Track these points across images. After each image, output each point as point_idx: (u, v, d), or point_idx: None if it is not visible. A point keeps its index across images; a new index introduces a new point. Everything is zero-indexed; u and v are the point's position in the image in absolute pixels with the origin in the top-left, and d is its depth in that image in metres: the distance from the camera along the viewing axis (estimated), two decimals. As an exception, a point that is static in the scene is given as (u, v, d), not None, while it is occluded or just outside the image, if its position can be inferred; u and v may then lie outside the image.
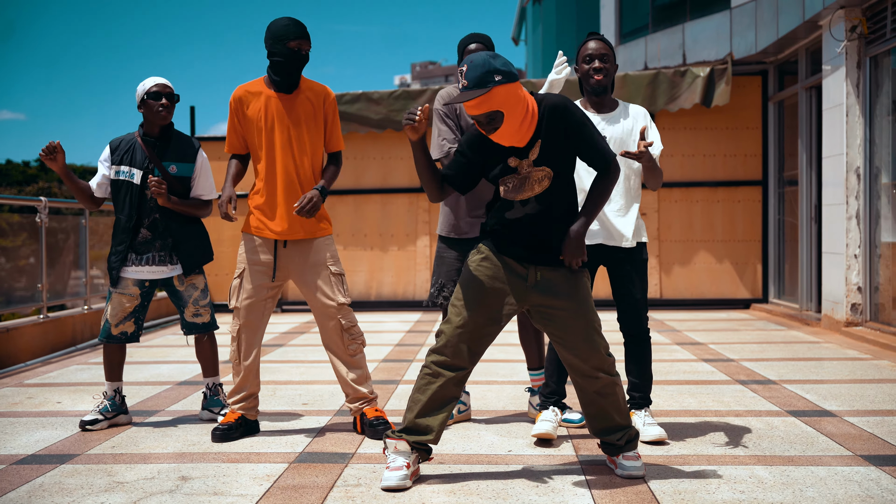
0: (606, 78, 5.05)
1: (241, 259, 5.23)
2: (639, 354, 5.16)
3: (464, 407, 5.62)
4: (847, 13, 9.71)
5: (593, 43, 5.11)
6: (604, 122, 5.10)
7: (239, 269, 5.22)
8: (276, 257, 5.18)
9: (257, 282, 5.18)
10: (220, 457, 4.79)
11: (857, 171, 9.76)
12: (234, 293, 5.22)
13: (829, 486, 4.13)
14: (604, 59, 5.05)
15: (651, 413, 5.24)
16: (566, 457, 4.70)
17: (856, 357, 8.11)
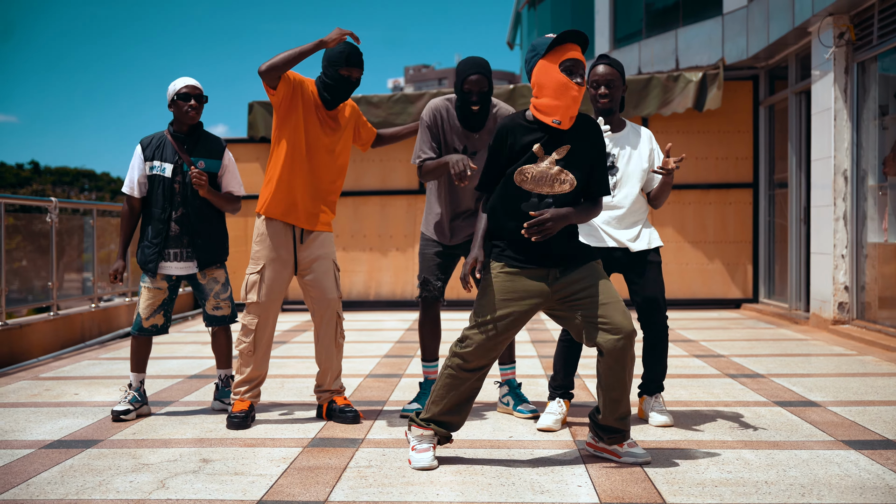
0: (612, 102, 5.36)
1: (258, 255, 5.47)
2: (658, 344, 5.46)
3: None
4: (835, 20, 10.01)
5: (601, 68, 5.38)
6: (611, 142, 5.41)
7: (258, 265, 5.46)
8: (295, 250, 5.48)
9: (277, 276, 5.45)
10: (237, 441, 5.06)
11: (844, 173, 10.06)
12: (254, 288, 5.46)
13: (811, 467, 4.41)
14: (609, 84, 5.33)
15: (661, 398, 5.55)
16: (564, 441, 4.98)
17: (842, 353, 8.40)
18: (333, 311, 5.56)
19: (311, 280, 5.52)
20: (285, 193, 5.42)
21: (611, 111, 5.39)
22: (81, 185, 67.91)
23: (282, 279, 5.47)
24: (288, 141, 5.40)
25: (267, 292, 5.45)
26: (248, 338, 5.50)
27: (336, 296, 5.56)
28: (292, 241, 5.48)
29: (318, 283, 5.52)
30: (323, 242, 5.55)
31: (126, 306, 11.30)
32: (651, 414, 5.44)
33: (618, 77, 5.36)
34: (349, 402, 5.64)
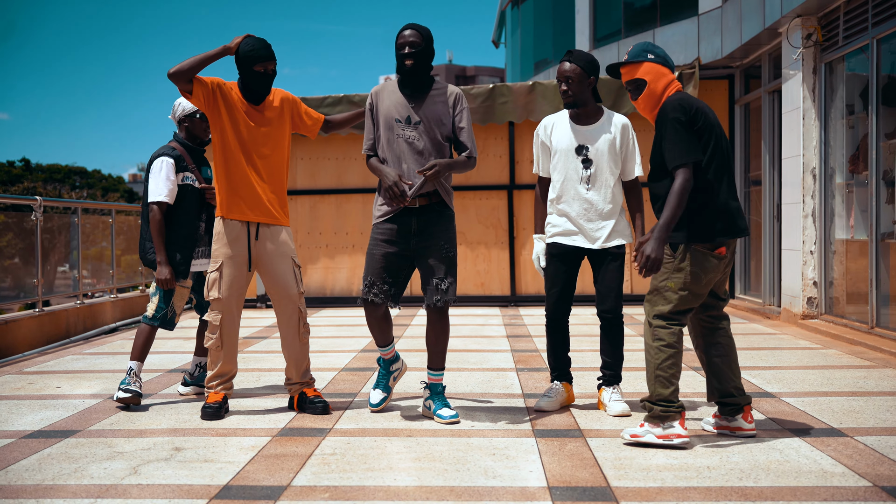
0: (573, 97, 5.64)
1: (216, 253, 5.69)
2: (612, 335, 5.78)
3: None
4: (803, 21, 10.24)
5: (564, 64, 5.68)
6: (587, 133, 5.67)
7: (217, 263, 5.68)
8: (249, 248, 5.68)
9: (235, 272, 5.66)
10: (210, 431, 5.28)
11: (812, 171, 10.30)
12: (214, 285, 5.67)
13: (754, 453, 4.64)
14: (568, 81, 5.62)
15: (620, 390, 5.81)
16: (523, 431, 5.20)
17: (807, 347, 8.64)
18: (295, 307, 5.73)
19: (271, 277, 5.73)
20: (228, 192, 5.65)
21: (574, 104, 5.65)
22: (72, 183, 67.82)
23: (240, 275, 5.68)
24: (220, 142, 5.65)
25: (227, 288, 5.65)
26: (214, 334, 5.71)
27: (296, 291, 5.73)
28: (247, 236, 5.67)
29: (277, 279, 5.71)
30: (279, 238, 5.74)
31: (111, 303, 11.49)
32: (610, 404, 5.68)
33: (579, 72, 5.60)
34: (319, 393, 5.86)
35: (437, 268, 5.47)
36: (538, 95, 13.21)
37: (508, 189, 13.65)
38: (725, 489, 4.05)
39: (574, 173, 5.67)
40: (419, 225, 5.48)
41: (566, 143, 5.70)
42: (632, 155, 5.76)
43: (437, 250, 5.48)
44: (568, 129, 5.72)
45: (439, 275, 5.46)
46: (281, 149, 5.78)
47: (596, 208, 5.64)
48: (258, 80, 5.63)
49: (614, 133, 5.69)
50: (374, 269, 5.52)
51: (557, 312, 5.79)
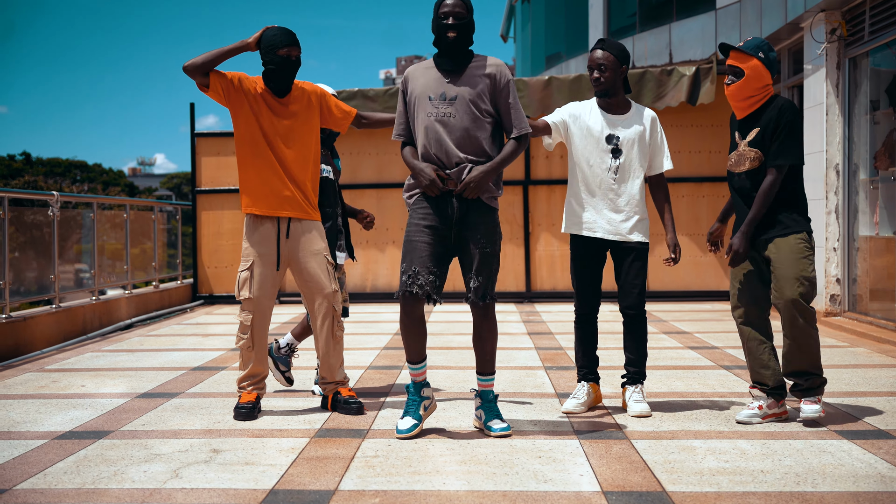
0: (604, 84, 5.52)
1: (247, 251, 5.58)
2: (636, 332, 5.68)
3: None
4: (827, 16, 10.14)
5: (597, 52, 5.57)
6: (618, 123, 5.56)
7: (248, 262, 5.57)
8: (279, 247, 5.56)
9: (265, 271, 5.55)
10: (245, 432, 5.18)
11: (836, 167, 10.20)
12: (245, 284, 5.57)
13: (806, 456, 4.55)
14: (601, 68, 5.50)
15: (643, 391, 5.69)
16: (565, 433, 5.11)
17: (834, 345, 8.54)
18: (329, 305, 5.61)
19: (302, 275, 5.61)
20: (254, 188, 5.53)
21: (606, 93, 5.54)
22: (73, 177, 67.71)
23: (272, 274, 5.57)
24: (245, 136, 5.53)
25: (258, 288, 5.55)
26: (245, 334, 5.63)
27: (330, 289, 5.60)
28: (276, 235, 5.55)
29: (309, 277, 5.59)
30: (311, 235, 5.60)
31: (125, 299, 11.40)
32: (631, 404, 5.59)
33: (612, 60, 5.49)
34: (353, 393, 5.76)
35: (471, 263, 5.07)
36: (554, 90, 13.11)
37: (524, 185, 13.55)
38: (785, 494, 3.96)
39: (602, 162, 5.55)
40: (460, 211, 5.05)
41: (598, 129, 5.57)
42: (660, 149, 5.66)
43: (474, 243, 5.06)
44: (598, 117, 5.60)
45: (471, 270, 5.07)
46: (308, 142, 5.64)
47: (621, 200, 5.55)
48: (282, 65, 5.46)
49: (644, 125, 5.60)
50: (417, 257, 5.04)
51: (587, 307, 5.71)
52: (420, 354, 5.20)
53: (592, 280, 5.68)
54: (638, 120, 5.59)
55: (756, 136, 5.23)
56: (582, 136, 5.60)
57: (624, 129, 5.56)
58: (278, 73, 5.50)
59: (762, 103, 5.26)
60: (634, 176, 5.57)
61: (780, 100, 5.24)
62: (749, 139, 5.26)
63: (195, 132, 13.96)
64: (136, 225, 12.91)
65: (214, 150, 13.89)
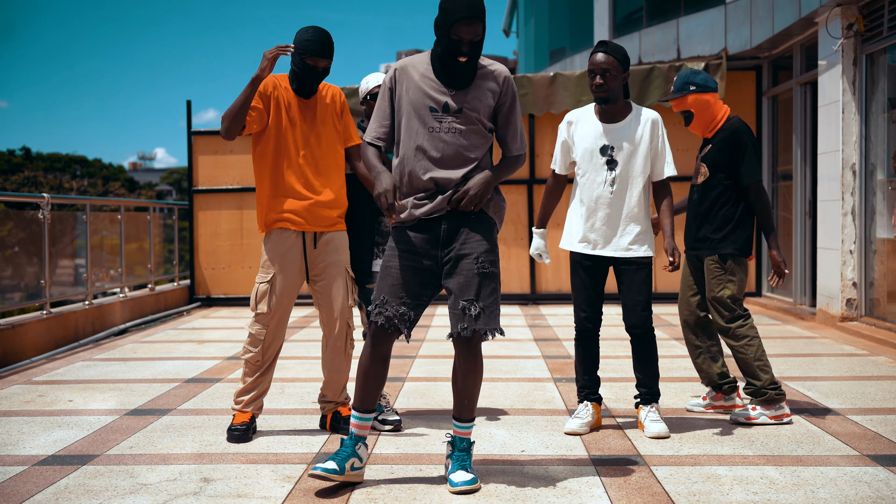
0: (607, 91, 5.19)
1: (268, 264, 5.25)
2: (643, 352, 5.38)
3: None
4: (844, 11, 9.81)
5: (599, 55, 5.23)
6: (613, 131, 5.25)
7: (268, 274, 5.23)
8: (306, 257, 5.26)
9: (288, 285, 5.23)
10: (239, 457, 4.86)
11: (852, 167, 9.87)
12: (263, 298, 5.23)
13: (840, 486, 4.23)
14: (605, 74, 5.18)
15: (659, 409, 5.37)
16: (579, 457, 4.79)
17: (852, 353, 8.23)
18: (343, 321, 5.31)
19: (321, 288, 5.29)
20: (276, 200, 5.22)
21: (607, 100, 5.23)
22: (73, 172, 67.44)
23: (292, 288, 5.27)
24: (268, 145, 5.23)
25: (277, 302, 5.23)
26: (256, 348, 5.27)
27: (347, 305, 5.31)
28: (302, 246, 5.26)
29: (327, 290, 5.27)
30: (337, 246, 5.30)
31: (120, 303, 11.08)
32: (647, 424, 5.29)
33: (615, 65, 5.18)
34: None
35: (466, 287, 4.24)
36: (559, 87, 12.79)
37: (528, 184, 13.23)
38: (823, 535, 3.64)
39: (597, 175, 5.25)
40: (449, 231, 4.32)
41: (590, 142, 5.27)
42: (661, 154, 5.30)
43: (468, 265, 4.27)
44: (593, 126, 5.30)
45: (468, 296, 4.23)
46: (334, 147, 5.32)
47: (620, 213, 5.24)
48: (308, 73, 5.17)
49: (642, 131, 5.25)
50: (388, 286, 4.32)
51: (587, 323, 5.41)
52: (372, 403, 4.42)
53: (593, 295, 5.38)
54: (636, 126, 5.26)
55: (708, 152, 5.62)
56: (577, 149, 5.33)
57: (620, 138, 5.24)
58: (302, 79, 5.20)
59: (723, 122, 5.61)
60: (633, 186, 5.25)
61: (732, 121, 5.61)
62: (702, 154, 5.65)
63: (192, 130, 13.64)
64: (132, 226, 12.59)
65: (212, 148, 13.56)
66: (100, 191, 61.03)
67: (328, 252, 5.28)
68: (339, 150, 5.35)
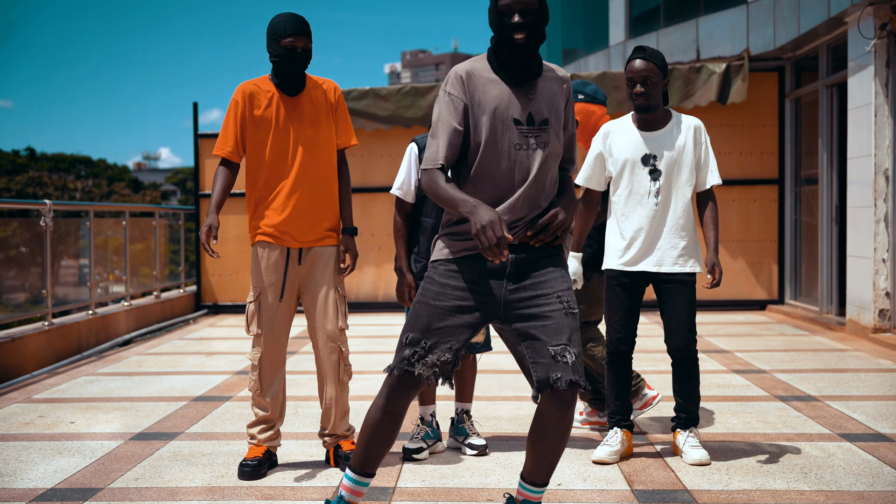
0: (650, 99, 4.90)
1: (255, 282, 4.84)
2: (686, 375, 5.06)
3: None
4: (876, 10, 9.43)
5: (638, 62, 4.92)
6: (656, 140, 4.95)
7: (255, 293, 4.83)
8: (285, 274, 4.81)
9: (275, 302, 4.82)
10: (252, 492, 4.50)
11: (885, 172, 9.50)
12: (253, 319, 4.83)
13: (912, 530, 3.87)
14: (646, 82, 4.88)
15: (699, 434, 5.07)
16: (621, 492, 4.43)
17: (890, 368, 7.86)
18: (335, 346, 4.84)
19: (308, 307, 4.87)
20: (261, 212, 4.82)
21: (648, 108, 4.91)
22: (77, 172, 67.21)
23: (285, 305, 4.84)
24: (252, 152, 4.84)
25: (267, 322, 4.81)
26: (254, 374, 4.85)
27: (336, 327, 4.83)
28: (285, 263, 4.81)
29: (314, 311, 4.84)
30: (325, 263, 4.84)
31: (125, 312, 10.72)
32: (687, 450, 4.96)
33: (655, 71, 4.88)
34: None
35: (556, 331, 3.44)
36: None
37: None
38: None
39: (641, 187, 4.92)
40: (518, 264, 3.50)
41: (631, 152, 4.94)
42: (706, 162, 4.99)
43: (552, 305, 3.47)
44: (632, 136, 4.97)
45: (559, 341, 3.43)
46: (329, 150, 4.88)
47: (665, 225, 4.91)
48: (286, 57, 4.68)
49: (686, 138, 4.94)
50: (435, 329, 3.49)
51: (621, 344, 5.07)
52: (375, 466, 3.67)
53: (630, 316, 5.05)
54: (678, 133, 4.95)
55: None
56: (616, 161, 4.99)
57: (662, 147, 4.92)
58: (282, 66, 4.72)
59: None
60: (679, 196, 4.93)
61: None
62: None
63: (198, 133, 13.29)
64: (136, 231, 12.25)
65: (219, 151, 13.21)
66: (104, 191, 60.81)
67: (315, 269, 4.84)
68: (327, 148, 4.90)
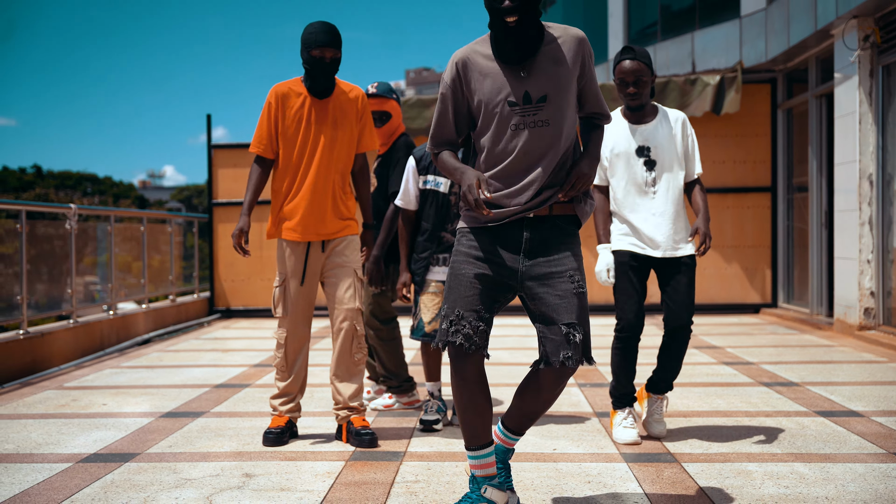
0: (641, 98, 5.19)
1: (279, 269, 5.31)
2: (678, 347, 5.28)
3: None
4: (860, 23, 9.92)
5: (627, 63, 5.17)
6: (647, 132, 5.24)
7: (280, 278, 5.29)
8: (306, 262, 5.26)
9: (301, 289, 5.26)
10: (277, 455, 4.96)
11: (869, 177, 9.97)
12: (279, 302, 5.30)
13: (869, 481, 4.32)
14: (637, 81, 5.16)
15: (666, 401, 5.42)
16: (610, 455, 4.89)
17: (872, 360, 8.31)
18: (350, 324, 5.25)
19: (329, 289, 5.31)
20: (284, 208, 5.23)
21: (642, 106, 5.23)
22: (84, 189, 67.78)
23: (307, 291, 5.29)
24: (281, 151, 5.25)
25: (292, 305, 5.26)
26: (279, 352, 5.32)
27: (353, 306, 5.24)
28: (305, 254, 5.26)
29: (333, 291, 5.28)
30: (344, 248, 5.30)
31: (142, 313, 11.20)
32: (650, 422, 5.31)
33: (645, 70, 5.18)
34: (367, 423, 5.29)
35: (566, 310, 3.62)
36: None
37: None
38: (857, 524, 3.74)
39: (637, 177, 5.25)
40: (533, 242, 3.69)
41: (624, 146, 5.27)
42: (692, 152, 5.33)
43: (563, 284, 3.65)
44: (624, 130, 5.29)
45: (569, 319, 3.61)
46: (350, 151, 5.30)
47: (663, 213, 5.21)
48: (315, 66, 5.10)
49: (675, 130, 5.27)
50: (463, 297, 3.68)
51: (636, 328, 5.26)
52: (483, 437, 3.75)
53: (641, 298, 5.27)
54: (667, 125, 5.28)
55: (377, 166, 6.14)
56: (612, 155, 5.31)
57: (654, 137, 5.25)
58: (311, 73, 5.14)
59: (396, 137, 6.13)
60: (674, 184, 5.24)
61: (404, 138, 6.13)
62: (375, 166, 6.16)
63: (212, 144, 13.79)
64: (152, 238, 12.73)
65: (231, 161, 13.70)
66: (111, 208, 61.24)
67: (335, 254, 5.29)
68: (346, 149, 5.30)
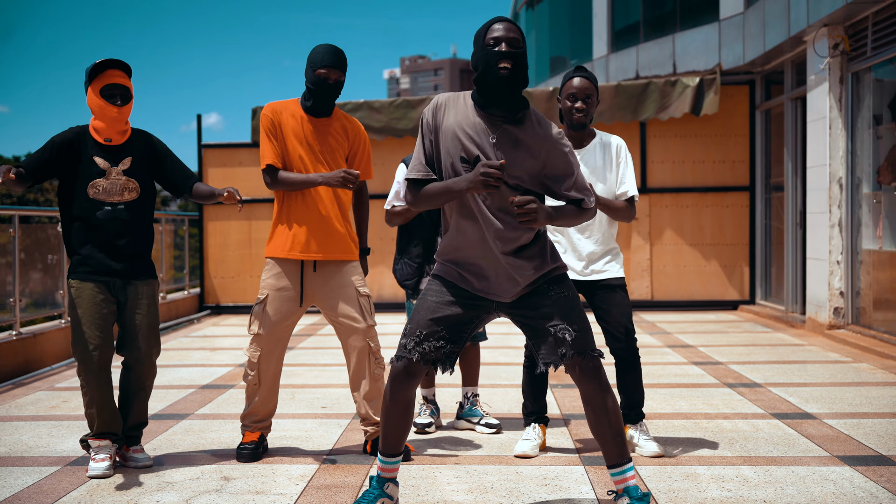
0: (586, 116, 5.19)
1: (264, 285, 5.21)
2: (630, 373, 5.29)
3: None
4: (830, 31, 10.20)
5: (577, 80, 5.17)
6: (581, 158, 5.21)
7: (262, 296, 5.19)
8: (302, 282, 5.21)
9: (282, 308, 5.17)
10: (255, 458, 5.25)
11: (839, 181, 10.26)
12: (256, 319, 5.18)
13: (808, 484, 4.61)
14: (587, 100, 5.17)
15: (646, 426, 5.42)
16: (570, 458, 5.18)
17: (837, 360, 8.60)
18: (364, 343, 5.17)
19: (333, 312, 5.19)
20: (285, 229, 5.19)
21: (584, 125, 5.19)
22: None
23: (288, 312, 5.18)
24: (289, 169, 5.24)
25: (270, 325, 5.16)
26: (252, 371, 5.23)
27: (364, 325, 5.15)
28: (300, 271, 5.21)
29: (338, 313, 5.17)
30: (340, 273, 5.20)
31: (133, 311, 11.45)
32: (642, 443, 5.27)
33: (594, 91, 5.19)
34: None
35: (549, 315, 3.96)
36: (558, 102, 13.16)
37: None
38: (787, 527, 4.03)
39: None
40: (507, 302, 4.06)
41: None
42: (624, 177, 5.29)
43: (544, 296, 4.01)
44: None
45: (554, 321, 3.94)
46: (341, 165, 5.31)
47: (592, 236, 5.26)
48: (319, 86, 5.13)
49: (605, 157, 5.26)
50: (426, 319, 3.99)
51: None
52: (399, 443, 4.11)
53: None
54: (602, 151, 5.26)
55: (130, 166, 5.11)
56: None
57: (587, 163, 5.21)
58: (314, 93, 5.16)
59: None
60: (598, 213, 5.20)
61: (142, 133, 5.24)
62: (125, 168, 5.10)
63: (202, 143, 14.04)
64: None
65: (221, 161, 13.96)
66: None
67: (329, 275, 5.20)
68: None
